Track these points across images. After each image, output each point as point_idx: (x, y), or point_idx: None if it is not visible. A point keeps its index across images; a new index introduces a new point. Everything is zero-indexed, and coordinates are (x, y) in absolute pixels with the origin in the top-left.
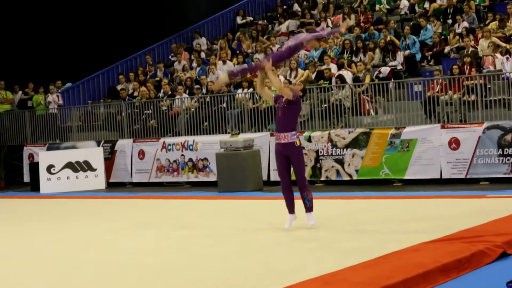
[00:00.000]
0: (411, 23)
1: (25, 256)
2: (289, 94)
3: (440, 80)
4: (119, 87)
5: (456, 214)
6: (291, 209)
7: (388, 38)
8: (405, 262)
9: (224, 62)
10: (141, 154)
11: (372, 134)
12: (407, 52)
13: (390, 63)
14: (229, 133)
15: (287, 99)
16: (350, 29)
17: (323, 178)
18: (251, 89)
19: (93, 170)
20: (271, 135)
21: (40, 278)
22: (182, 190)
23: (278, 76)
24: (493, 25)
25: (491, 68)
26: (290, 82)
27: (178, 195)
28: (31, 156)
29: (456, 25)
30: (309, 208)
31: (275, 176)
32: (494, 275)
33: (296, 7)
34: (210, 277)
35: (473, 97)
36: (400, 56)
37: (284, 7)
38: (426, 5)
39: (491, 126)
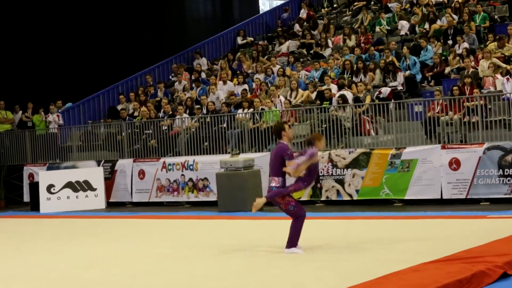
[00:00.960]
0: (411, 44)
1: (26, 277)
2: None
3: (441, 100)
4: (119, 107)
5: (457, 235)
6: None
7: (390, 59)
8: (406, 282)
9: (225, 82)
10: (141, 174)
11: (373, 154)
12: (407, 72)
13: (391, 84)
14: (229, 153)
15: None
16: (352, 50)
17: (323, 198)
18: (251, 109)
19: (93, 189)
20: None
21: None
22: (182, 210)
23: (279, 96)
24: (492, 45)
25: (492, 88)
26: (290, 102)
27: (178, 215)
28: (31, 175)
29: (457, 46)
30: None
31: None
32: None
33: (297, 27)
34: None
35: (474, 118)
36: (400, 76)
37: (285, 27)
38: (426, 26)
39: (491, 146)
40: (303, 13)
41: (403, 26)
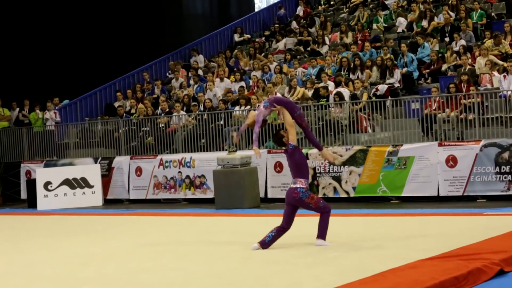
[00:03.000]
0: (408, 41)
1: (23, 274)
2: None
3: (438, 97)
4: (116, 104)
5: (453, 232)
6: None
7: (388, 56)
8: (402, 279)
9: (222, 80)
10: (138, 171)
11: (370, 152)
12: (404, 69)
13: (388, 81)
14: (226, 150)
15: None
16: (347, 47)
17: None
18: (248, 106)
19: (90, 187)
20: (269, 152)
21: None
22: (179, 207)
23: (276, 93)
24: (489, 43)
25: (488, 86)
26: None
27: (175, 212)
28: (28, 173)
29: (454, 43)
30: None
31: (272, 193)
32: None
33: (294, 24)
34: None
35: (471, 115)
36: (397, 73)
37: (281, 25)
38: (424, 23)
39: (488, 143)
40: (300, 10)
41: (401, 23)
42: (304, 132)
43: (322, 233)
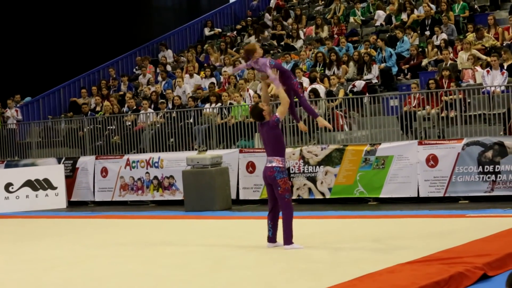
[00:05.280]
0: (386, 35)
1: None
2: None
3: (418, 94)
4: (81, 101)
5: (434, 234)
6: None
7: (368, 50)
8: (381, 284)
9: (191, 76)
10: (104, 171)
11: (346, 151)
12: (383, 65)
13: (365, 77)
14: (196, 149)
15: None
16: (322, 41)
17: (294, 197)
18: (219, 104)
19: (54, 188)
20: (240, 151)
21: None
22: (147, 209)
23: (248, 90)
24: (471, 36)
25: (471, 81)
26: (259, 97)
27: (142, 215)
28: None
29: (434, 37)
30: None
31: (244, 195)
32: None
33: (267, 17)
34: None
35: (452, 113)
36: (375, 69)
37: (254, 18)
38: (403, 16)
39: (470, 142)
40: (273, 3)
41: (380, 16)
42: (299, 100)
43: (288, 239)
